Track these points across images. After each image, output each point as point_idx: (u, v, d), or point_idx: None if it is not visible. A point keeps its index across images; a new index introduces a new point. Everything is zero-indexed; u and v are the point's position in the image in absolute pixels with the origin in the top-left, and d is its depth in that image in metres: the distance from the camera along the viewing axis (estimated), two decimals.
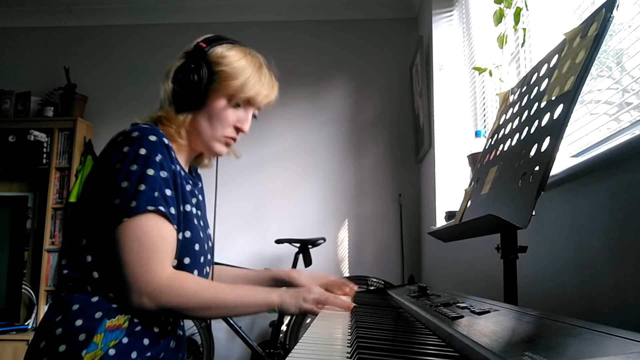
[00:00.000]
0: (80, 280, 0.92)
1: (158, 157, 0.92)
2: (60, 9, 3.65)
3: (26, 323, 3.10)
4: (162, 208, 0.90)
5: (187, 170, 1.10)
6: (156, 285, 0.88)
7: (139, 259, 0.87)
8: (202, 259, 1.04)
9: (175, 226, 0.94)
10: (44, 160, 3.29)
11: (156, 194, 0.90)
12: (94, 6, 3.62)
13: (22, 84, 3.51)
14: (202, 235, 1.04)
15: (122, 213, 0.88)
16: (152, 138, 0.93)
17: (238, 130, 1.08)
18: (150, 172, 0.91)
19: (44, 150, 3.30)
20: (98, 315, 0.89)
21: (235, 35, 1.14)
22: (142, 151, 0.91)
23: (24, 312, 3.21)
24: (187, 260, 0.98)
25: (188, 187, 1.03)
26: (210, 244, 1.14)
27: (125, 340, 0.89)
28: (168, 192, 0.94)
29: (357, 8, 3.54)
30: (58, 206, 3.26)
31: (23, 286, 3.17)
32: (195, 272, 1.01)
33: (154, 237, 0.89)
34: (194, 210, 1.03)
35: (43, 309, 3.14)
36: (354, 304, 1.04)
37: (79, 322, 0.88)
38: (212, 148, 1.07)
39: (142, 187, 0.89)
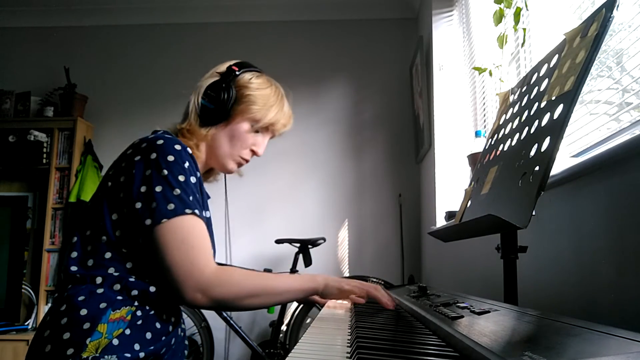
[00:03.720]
0: (88, 275, 0.94)
1: (186, 164, 0.97)
2: (60, 9, 3.65)
3: (26, 323, 3.10)
4: (197, 211, 0.94)
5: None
6: (206, 279, 0.90)
7: (186, 258, 0.90)
8: None
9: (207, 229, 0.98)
10: (44, 160, 3.29)
11: (191, 198, 0.94)
12: (94, 6, 3.62)
13: (22, 84, 3.51)
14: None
15: (161, 215, 0.91)
16: (177, 147, 0.97)
17: (253, 153, 1.15)
18: (182, 177, 0.95)
19: (44, 150, 3.30)
20: (102, 305, 0.90)
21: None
22: (170, 158, 0.95)
23: (24, 312, 3.21)
24: None
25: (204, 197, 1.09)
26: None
27: (127, 331, 0.91)
28: (199, 196, 0.98)
29: (357, 8, 3.54)
30: (58, 206, 3.26)
31: (23, 286, 3.17)
32: None
33: (197, 236, 0.92)
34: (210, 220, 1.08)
35: (43, 309, 3.14)
36: (393, 303, 1.06)
37: (83, 312, 0.89)
38: (225, 165, 1.14)
39: (178, 191, 0.93)
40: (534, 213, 0.64)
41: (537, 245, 1.10)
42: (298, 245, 2.97)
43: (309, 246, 2.97)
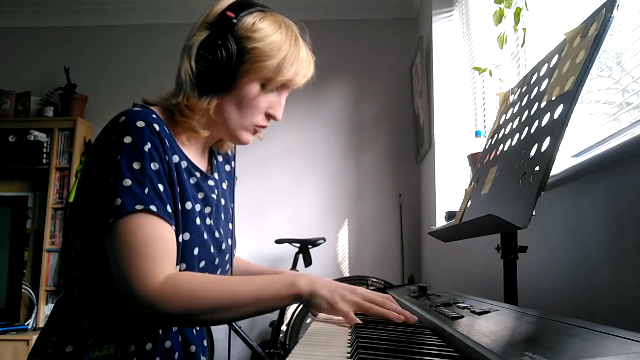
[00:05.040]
0: (75, 293, 0.86)
1: (147, 147, 0.80)
2: (60, 9, 3.65)
3: (26, 323, 3.10)
4: (153, 207, 0.78)
5: (206, 158, 1.00)
6: (148, 293, 0.75)
7: (129, 265, 0.75)
8: (201, 264, 0.90)
9: (172, 225, 0.82)
10: (44, 160, 3.29)
11: (146, 190, 0.78)
12: (94, 6, 3.62)
13: (22, 84, 3.51)
14: (206, 236, 0.91)
15: (108, 213, 0.77)
16: (140, 124, 0.80)
17: (269, 117, 0.94)
18: (137, 165, 0.78)
19: (44, 150, 3.30)
20: (89, 342, 0.82)
21: None
22: (128, 139, 0.79)
23: (24, 312, 3.21)
24: (182, 266, 0.86)
25: (192, 180, 0.91)
26: (228, 244, 1.00)
27: None
28: (161, 187, 0.81)
29: (357, 8, 3.54)
30: (58, 206, 3.26)
31: (23, 286, 3.17)
32: None
33: (145, 239, 0.77)
34: (198, 208, 0.90)
35: (43, 309, 3.15)
36: (413, 316, 0.80)
37: (69, 349, 0.82)
38: (238, 137, 0.93)
39: (128, 182, 0.77)
40: (534, 213, 0.64)
41: (537, 245, 1.10)
42: (298, 245, 2.98)
43: (309, 246, 2.97)
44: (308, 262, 2.95)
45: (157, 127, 0.82)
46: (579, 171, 0.96)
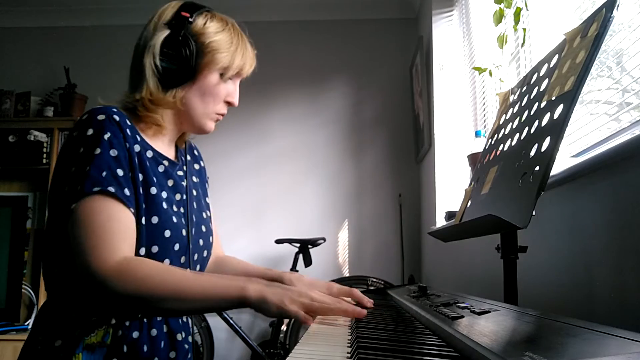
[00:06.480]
0: (56, 291, 0.89)
1: (106, 135, 0.85)
2: (60, 9, 3.65)
3: (26, 323, 3.10)
4: (111, 189, 0.82)
5: (172, 151, 1.05)
6: (104, 271, 0.77)
7: (86, 245, 0.78)
8: (176, 247, 0.94)
9: (131, 209, 0.85)
10: (44, 160, 3.29)
11: (104, 173, 0.83)
12: (94, 6, 3.62)
13: (22, 84, 3.50)
14: (175, 220, 0.94)
15: (70, 199, 0.81)
16: (101, 117, 0.87)
17: (228, 104, 1.04)
18: (97, 151, 0.84)
19: (44, 150, 3.30)
20: (77, 332, 0.84)
21: None
22: (90, 131, 0.85)
23: (24, 312, 3.21)
24: (155, 249, 0.90)
25: (161, 168, 0.97)
26: (202, 230, 1.05)
27: None
28: (120, 172, 0.85)
29: (357, 8, 3.54)
30: None
31: (23, 286, 3.17)
32: (167, 261, 0.92)
33: (102, 220, 0.80)
34: (165, 194, 0.94)
35: None
36: (362, 310, 0.84)
37: (58, 343, 0.84)
38: (202, 126, 1.02)
39: (88, 168, 0.82)
40: (534, 213, 0.64)
41: (537, 245, 1.10)
42: (298, 245, 2.98)
43: (309, 246, 2.97)
44: (308, 262, 2.95)
45: (117, 117, 0.89)
46: (579, 171, 0.96)
